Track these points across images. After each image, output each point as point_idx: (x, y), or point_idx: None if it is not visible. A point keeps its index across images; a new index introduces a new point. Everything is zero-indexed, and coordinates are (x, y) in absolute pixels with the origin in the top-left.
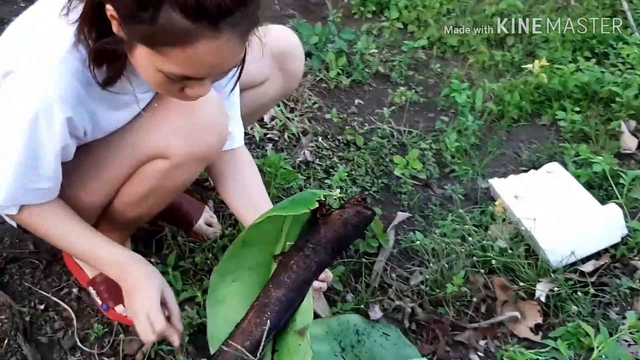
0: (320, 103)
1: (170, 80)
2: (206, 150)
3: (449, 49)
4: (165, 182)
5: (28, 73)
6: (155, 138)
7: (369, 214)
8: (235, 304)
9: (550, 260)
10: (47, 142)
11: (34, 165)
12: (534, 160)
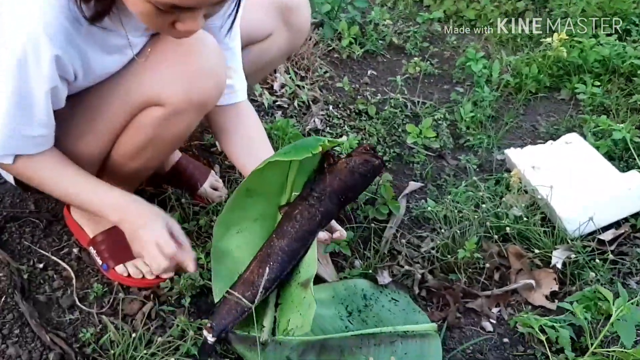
0: (332, 72)
1: (160, 12)
2: (203, 97)
3: (466, 22)
4: (161, 131)
5: (10, 13)
6: (150, 84)
7: (377, 163)
8: (239, 255)
9: (567, 229)
10: (37, 84)
11: (25, 110)
12: (552, 133)
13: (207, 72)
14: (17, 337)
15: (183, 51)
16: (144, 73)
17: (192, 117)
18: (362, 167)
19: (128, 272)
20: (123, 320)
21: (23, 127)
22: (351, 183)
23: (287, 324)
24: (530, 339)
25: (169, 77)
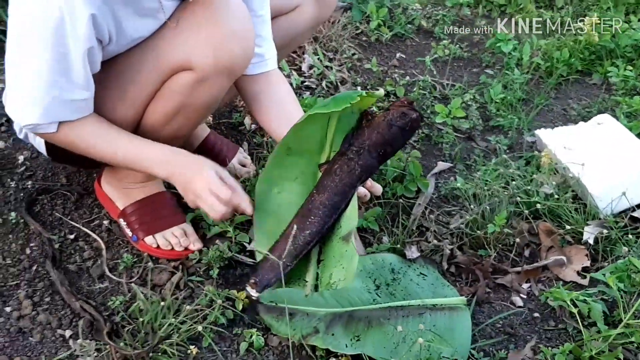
0: (360, 54)
1: None
2: (231, 61)
3: (496, 7)
4: (191, 97)
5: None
6: (179, 48)
7: (414, 116)
8: (281, 214)
9: (599, 206)
10: (74, 46)
11: (64, 73)
12: (583, 116)
13: (235, 36)
14: (48, 305)
15: (211, 16)
16: (174, 38)
17: (221, 83)
18: (399, 120)
19: (157, 243)
20: (152, 290)
21: (64, 92)
22: (389, 136)
23: (330, 277)
24: (561, 313)
25: (198, 42)
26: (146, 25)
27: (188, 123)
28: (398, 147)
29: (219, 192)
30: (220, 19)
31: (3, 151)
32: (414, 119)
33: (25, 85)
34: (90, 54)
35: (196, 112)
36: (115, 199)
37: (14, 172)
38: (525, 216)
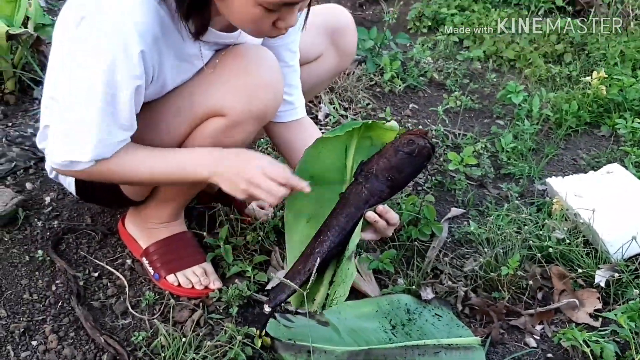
0: (374, 105)
1: (267, 12)
2: (262, 108)
3: (505, 62)
4: (221, 141)
5: (102, 12)
6: (214, 95)
7: (422, 143)
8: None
9: (610, 251)
10: (124, 84)
11: (112, 114)
12: (593, 165)
13: (267, 84)
14: (73, 340)
15: (245, 65)
16: (209, 85)
17: (251, 128)
18: (406, 146)
19: (179, 281)
20: (173, 326)
21: (110, 136)
22: (395, 162)
23: (334, 294)
24: (574, 354)
25: (232, 89)
26: (183, 70)
27: None
28: (408, 175)
29: (276, 173)
30: (252, 68)
31: (31, 192)
32: (421, 147)
33: (71, 126)
34: (137, 92)
35: None
36: (139, 238)
37: (41, 213)
38: (537, 260)
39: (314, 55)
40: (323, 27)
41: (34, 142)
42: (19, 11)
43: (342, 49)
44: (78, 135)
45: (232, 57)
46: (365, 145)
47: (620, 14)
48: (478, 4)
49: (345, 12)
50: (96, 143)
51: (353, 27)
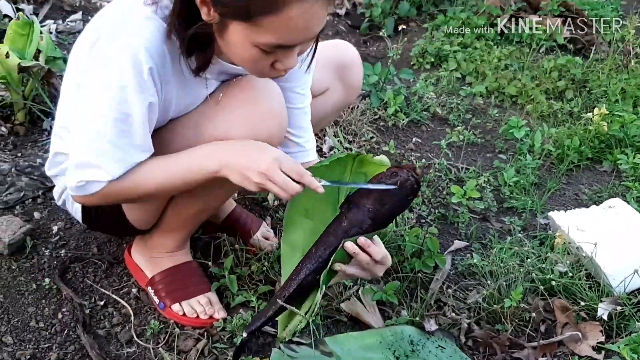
0: (378, 138)
1: (264, 54)
2: (267, 137)
3: (507, 98)
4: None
5: (113, 34)
6: (219, 124)
7: (404, 176)
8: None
9: (612, 284)
10: (137, 100)
11: (128, 131)
12: (595, 200)
13: (271, 113)
14: None
15: (250, 95)
16: (214, 115)
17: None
18: (388, 178)
19: (183, 311)
20: (178, 355)
21: (126, 155)
22: (377, 194)
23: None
24: None
25: (237, 119)
26: (188, 98)
27: (221, 196)
28: (392, 208)
29: (292, 168)
30: (257, 98)
31: (39, 221)
32: (404, 179)
33: (88, 144)
34: (151, 110)
35: (230, 185)
36: (144, 268)
37: (48, 241)
38: (540, 293)
39: (321, 90)
40: (330, 62)
41: (42, 172)
42: (31, 44)
43: (349, 84)
44: (95, 154)
45: (238, 87)
46: (360, 180)
47: (621, 52)
48: (480, 42)
49: (352, 48)
50: (114, 163)
51: (359, 63)
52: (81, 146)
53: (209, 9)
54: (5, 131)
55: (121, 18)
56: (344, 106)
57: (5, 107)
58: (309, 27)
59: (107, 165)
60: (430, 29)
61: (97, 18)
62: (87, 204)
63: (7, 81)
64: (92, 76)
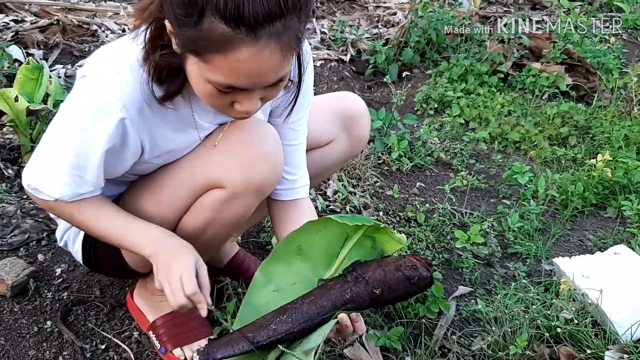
0: (382, 182)
1: (219, 92)
2: (261, 180)
3: (511, 144)
4: (222, 213)
5: (97, 77)
6: (214, 168)
7: (424, 274)
8: (266, 312)
9: (618, 332)
10: (96, 143)
11: (83, 165)
12: (600, 246)
13: (266, 157)
14: None
15: (245, 138)
16: (210, 159)
17: (250, 201)
18: (408, 270)
19: (185, 355)
20: None
21: (75, 184)
22: (392, 279)
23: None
24: None
25: (231, 162)
26: (179, 139)
27: (217, 237)
28: (398, 296)
29: (187, 283)
30: (252, 141)
31: (42, 264)
32: (422, 277)
33: (47, 160)
34: (112, 154)
35: (225, 227)
36: (146, 312)
37: (51, 284)
38: (546, 340)
39: (326, 140)
40: (337, 113)
41: (47, 214)
42: (39, 88)
43: (356, 136)
44: (49, 170)
45: (235, 130)
46: (366, 244)
47: (623, 99)
48: (483, 88)
49: (360, 100)
50: (62, 185)
51: (367, 115)
52: (44, 155)
53: (174, 40)
54: (11, 173)
55: (111, 62)
56: (350, 157)
57: (13, 150)
58: (261, 73)
59: (56, 185)
60: (433, 76)
61: (99, 50)
62: (39, 205)
63: (15, 124)
64: (72, 102)
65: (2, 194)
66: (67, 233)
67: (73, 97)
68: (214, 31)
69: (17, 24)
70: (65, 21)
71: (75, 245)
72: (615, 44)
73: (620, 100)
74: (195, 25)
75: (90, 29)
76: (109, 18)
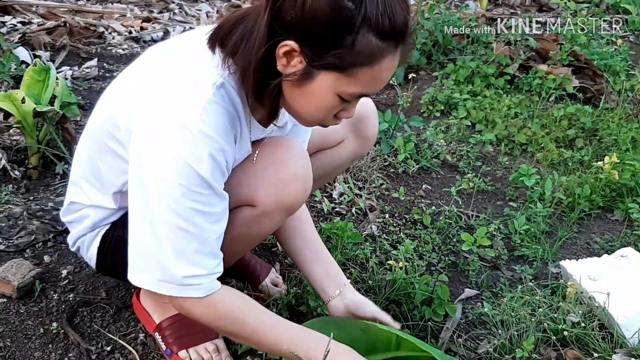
0: (388, 184)
1: (341, 103)
2: (292, 201)
3: (517, 146)
4: (250, 229)
5: (176, 128)
6: (248, 186)
7: None
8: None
9: (626, 336)
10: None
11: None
12: (607, 249)
13: (297, 177)
14: None
15: (278, 159)
16: (245, 175)
17: (279, 219)
18: None
19: (190, 357)
20: None
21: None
22: None
23: None
24: None
25: (264, 182)
26: (240, 155)
27: (242, 250)
28: None
29: None
30: (285, 161)
31: (48, 265)
32: None
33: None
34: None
35: (251, 241)
36: (152, 313)
37: (57, 285)
38: (552, 343)
39: (335, 141)
40: None
41: (54, 215)
42: (46, 90)
43: (364, 137)
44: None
45: (269, 147)
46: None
47: (630, 101)
48: (490, 90)
49: (369, 101)
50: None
51: (375, 116)
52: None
53: (289, 60)
54: (18, 175)
55: (185, 105)
56: (358, 157)
57: (20, 151)
58: (388, 79)
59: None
60: (440, 78)
61: (152, 72)
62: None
63: (22, 126)
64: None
65: (9, 196)
66: (82, 239)
67: (158, 166)
68: (368, 46)
69: (24, 25)
70: (72, 23)
71: (90, 251)
72: (622, 46)
73: (627, 102)
74: (352, 43)
75: (97, 30)
76: (116, 20)
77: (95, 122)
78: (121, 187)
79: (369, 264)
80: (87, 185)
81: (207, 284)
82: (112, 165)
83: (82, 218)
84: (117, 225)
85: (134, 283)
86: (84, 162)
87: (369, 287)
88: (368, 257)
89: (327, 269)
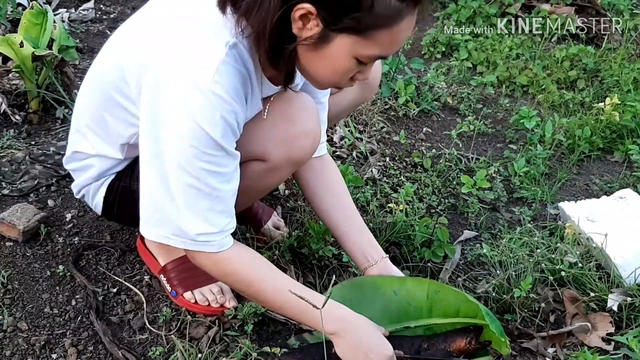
0: (389, 128)
1: (358, 65)
2: (301, 156)
3: (518, 88)
4: (258, 182)
5: (194, 90)
6: (258, 141)
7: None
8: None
9: (622, 275)
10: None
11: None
12: (606, 191)
13: (307, 133)
14: (91, 353)
15: (290, 115)
16: (255, 131)
17: (287, 172)
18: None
19: (195, 299)
20: (189, 342)
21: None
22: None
23: None
24: None
25: (275, 137)
26: (251, 110)
27: (248, 201)
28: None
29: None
30: (295, 118)
31: (52, 209)
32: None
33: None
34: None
35: (258, 193)
36: (157, 255)
37: (62, 229)
38: (550, 283)
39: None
40: None
41: (56, 160)
42: (44, 34)
43: (367, 83)
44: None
45: (279, 103)
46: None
47: (634, 41)
48: (492, 30)
49: None
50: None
51: (378, 63)
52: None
53: (305, 23)
54: (19, 119)
55: (198, 65)
56: (360, 103)
57: (19, 96)
58: (405, 40)
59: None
60: (441, 18)
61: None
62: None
63: (21, 70)
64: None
65: (10, 140)
66: (86, 188)
67: (174, 121)
68: (387, 8)
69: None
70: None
71: (96, 200)
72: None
73: (630, 42)
74: (371, 6)
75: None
76: None
77: (102, 71)
78: (128, 139)
79: (370, 207)
80: (92, 134)
81: (219, 241)
82: (119, 117)
83: (86, 167)
84: (123, 175)
85: (147, 237)
86: (88, 110)
87: (370, 229)
88: (369, 200)
89: (372, 242)
